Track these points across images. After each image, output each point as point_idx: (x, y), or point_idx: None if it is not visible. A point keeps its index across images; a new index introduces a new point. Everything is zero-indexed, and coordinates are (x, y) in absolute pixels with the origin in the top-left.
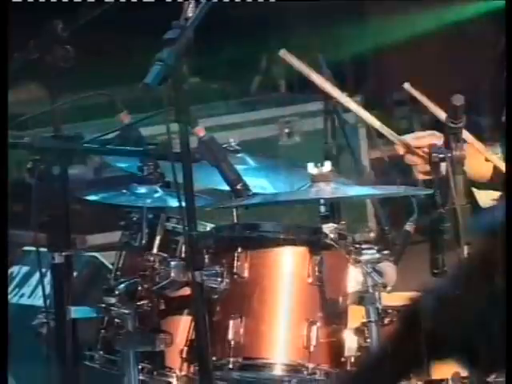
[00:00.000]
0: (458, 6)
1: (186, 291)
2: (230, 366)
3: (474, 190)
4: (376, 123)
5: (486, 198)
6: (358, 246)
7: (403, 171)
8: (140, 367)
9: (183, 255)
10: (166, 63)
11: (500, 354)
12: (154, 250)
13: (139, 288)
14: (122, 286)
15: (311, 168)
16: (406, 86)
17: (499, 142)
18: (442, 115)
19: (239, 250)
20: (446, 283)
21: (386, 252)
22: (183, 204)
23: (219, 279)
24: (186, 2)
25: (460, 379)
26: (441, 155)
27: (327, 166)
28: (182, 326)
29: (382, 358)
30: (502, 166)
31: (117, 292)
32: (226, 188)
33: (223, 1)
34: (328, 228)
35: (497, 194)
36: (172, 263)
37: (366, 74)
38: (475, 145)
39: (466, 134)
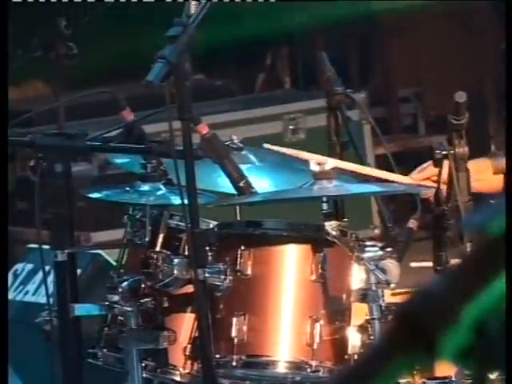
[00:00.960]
0: None
1: (189, 289)
2: (234, 363)
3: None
4: (380, 173)
5: None
6: (361, 243)
7: (407, 168)
8: (143, 365)
9: (186, 253)
10: (168, 60)
11: (500, 352)
12: (157, 248)
13: (142, 285)
14: (125, 283)
15: (313, 165)
16: None
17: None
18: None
19: (242, 247)
20: (443, 281)
21: (389, 249)
22: (186, 201)
23: (222, 277)
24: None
25: (464, 376)
26: (444, 152)
27: (330, 163)
28: (186, 324)
29: (380, 354)
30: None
31: (120, 289)
32: (228, 190)
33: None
34: (331, 225)
35: None
36: (175, 261)
37: (371, 71)
38: (480, 162)
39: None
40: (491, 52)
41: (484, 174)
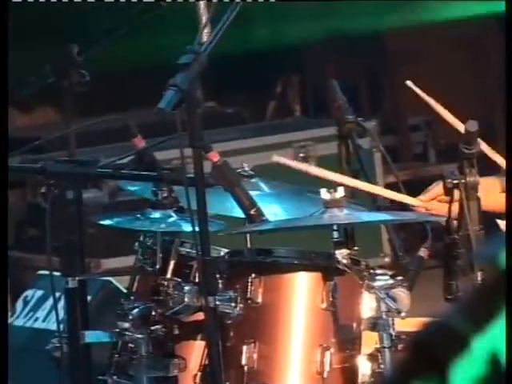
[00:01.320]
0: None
1: (200, 316)
2: None
3: (499, 220)
4: (388, 192)
5: None
6: (371, 271)
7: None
8: None
9: (197, 280)
10: (180, 88)
11: None
12: (168, 275)
13: (153, 313)
14: (136, 310)
15: (324, 193)
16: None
17: None
18: (460, 126)
19: (253, 275)
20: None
21: (399, 278)
22: (197, 229)
23: (233, 304)
24: (201, 26)
25: None
26: (455, 181)
27: (340, 191)
28: (196, 351)
29: None
30: None
31: (130, 317)
32: (240, 215)
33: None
34: (341, 254)
35: None
36: (186, 288)
37: (381, 99)
38: (488, 180)
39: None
40: (502, 80)
41: (492, 192)
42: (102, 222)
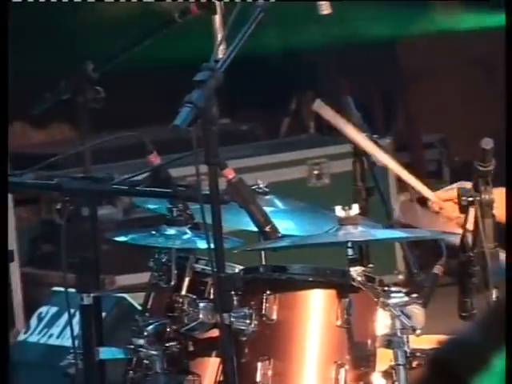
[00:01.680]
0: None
1: (215, 333)
2: None
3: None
4: (408, 177)
5: None
6: (386, 288)
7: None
8: None
9: (212, 297)
10: (195, 105)
11: None
12: (183, 292)
13: (168, 329)
14: (151, 327)
15: (339, 211)
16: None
17: None
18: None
19: (268, 292)
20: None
21: (414, 295)
22: (212, 246)
23: (248, 321)
24: (216, 44)
25: None
26: (470, 198)
27: (355, 208)
28: (211, 368)
29: None
30: None
31: (145, 333)
32: (254, 229)
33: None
34: (356, 271)
35: None
36: (201, 305)
37: (395, 117)
38: (496, 190)
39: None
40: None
41: (500, 203)
42: (117, 239)
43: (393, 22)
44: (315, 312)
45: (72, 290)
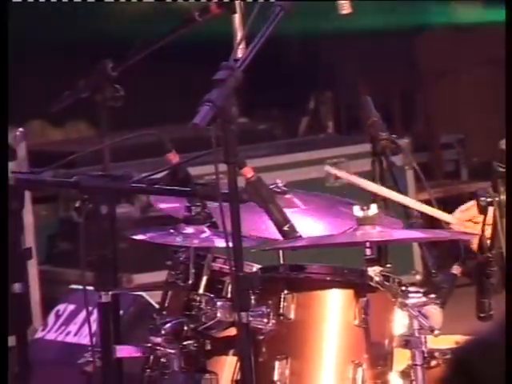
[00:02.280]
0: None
1: (232, 331)
2: None
3: None
4: (427, 208)
5: None
6: (404, 288)
7: (450, 213)
8: None
9: (229, 295)
10: (214, 104)
11: None
12: (201, 290)
13: (185, 328)
14: (168, 325)
15: (357, 211)
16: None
17: None
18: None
19: (285, 291)
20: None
21: (432, 295)
22: (230, 244)
23: (265, 320)
24: (235, 42)
25: None
26: (488, 199)
27: (373, 208)
28: (228, 367)
29: None
30: None
31: (163, 332)
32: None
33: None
34: (374, 271)
35: None
36: (218, 303)
37: (413, 117)
38: None
39: None
40: None
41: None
42: (135, 237)
43: (411, 16)
44: (333, 311)
45: (90, 287)
